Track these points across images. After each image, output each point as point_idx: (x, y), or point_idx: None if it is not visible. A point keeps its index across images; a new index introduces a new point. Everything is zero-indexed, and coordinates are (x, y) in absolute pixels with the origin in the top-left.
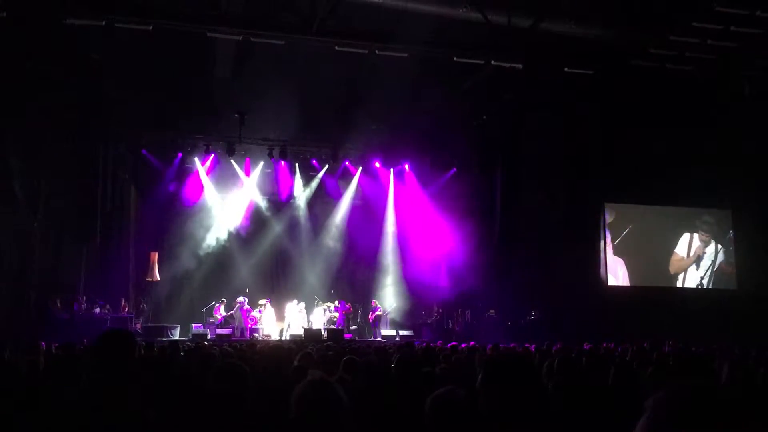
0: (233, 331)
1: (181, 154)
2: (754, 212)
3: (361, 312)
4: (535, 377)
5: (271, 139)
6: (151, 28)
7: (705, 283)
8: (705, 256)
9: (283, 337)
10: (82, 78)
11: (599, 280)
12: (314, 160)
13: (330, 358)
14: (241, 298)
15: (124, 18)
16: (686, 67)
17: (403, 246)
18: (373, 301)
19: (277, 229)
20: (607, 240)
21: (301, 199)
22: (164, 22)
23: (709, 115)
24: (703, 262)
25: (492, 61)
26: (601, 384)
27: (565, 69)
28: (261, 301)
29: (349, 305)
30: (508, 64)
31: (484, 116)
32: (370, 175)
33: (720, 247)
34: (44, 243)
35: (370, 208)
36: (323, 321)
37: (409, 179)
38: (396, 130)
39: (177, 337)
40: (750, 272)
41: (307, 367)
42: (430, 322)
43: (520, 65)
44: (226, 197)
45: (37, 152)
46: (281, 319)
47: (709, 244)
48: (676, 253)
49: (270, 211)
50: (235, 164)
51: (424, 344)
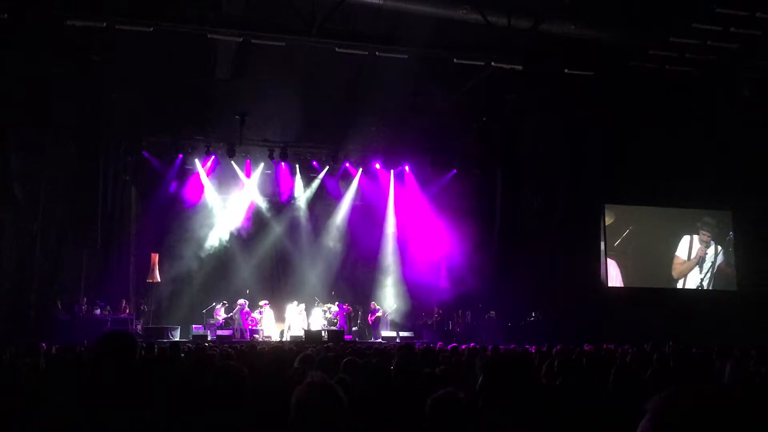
0: (233, 333)
1: (181, 156)
2: (754, 213)
3: (361, 313)
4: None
5: (271, 140)
6: (152, 29)
7: (705, 284)
8: (706, 257)
9: (284, 339)
10: (83, 79)
11: (599, 281)
12: (314, 162)
13: (330, 360)
14: (242, 301)
15: (124, 19)
16: (686, 69)
17: (403, 247)
18: (372, 303)
19: (277, 231)
20: (608, 241)
21: (301, 201)
22: (165, 24)
23: (709, 117)
24: (704, 264)
25: (492, 63)
26: (602, 385)
27: (565, 70)
28: (260, 303)
29: (349, 307)
30: (508, 66)
31: (484, 118)
32: (371, 177)
33: (720, 248)
34: (45, 244)
35: (370, 210)
36: (323, 322)
37: (409, 180)
38: (396, 131)
39: (177, 339)
40: (750, 273)
41: (307, 369)
42: (430, 323)
43: (520, 66)
44: (226, 198)
45: (38, 154)
46: (281, 321)
47: (709, 245)
48: (678, 257)
49: (270, 213)
50: (235, 165)
51: (424, 345)
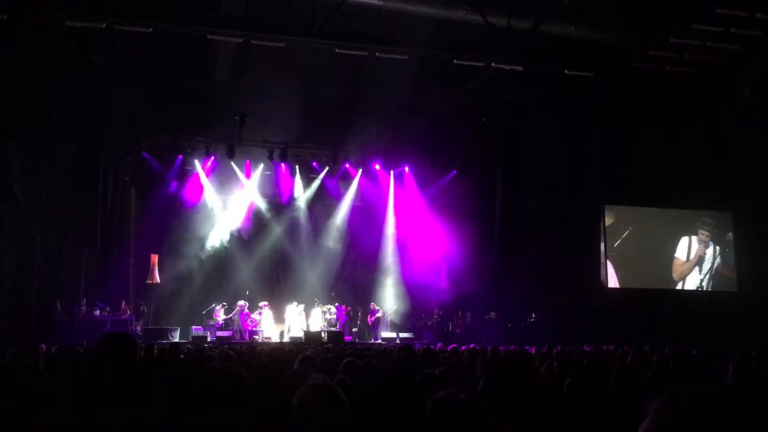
0: (233, 334)
1: (181, 157)
2: (755, 214)
3: (361, 314)
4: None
5: (271, 141)
6: (152, 30)
7: (704, 285)
8: (705, 257)
9: (283, 340)
10: (83, 80)
11: (599, 282)
12: (314, 162)
13: (330, 361)
14: (242, 302)
15: (124, 20)
16: (686, 69)
17: (403, 248)
18: (372, 304)
19: (277, 232)
20: (607, 242)
21: (301, 201)
22: (165, 25)
23: (709, 117)
24: (704, 264)
25: (492, 63)
26: (602, 386)
27: (565, 71)
28: (260, 304)
29: (348, 308)
30: (508, 66)
31: (484, 118)
32: (370, 177)
33: (718, 249)
34: (44, 245)
35: (370, 210)
36: (322, 323)
37: (409, 181)
38: (396, 132)
39: (177, 340)
40: (750, 274)
41: (307, 370)
42: (430, 324)
43: (520, 67)
44: (226, 199)
45: (38, 154)
46: (281, 322)
47: (708, 245)
48: (677, 258)
49: (270, 214)
50: (235, 166)
51: (424, 346)
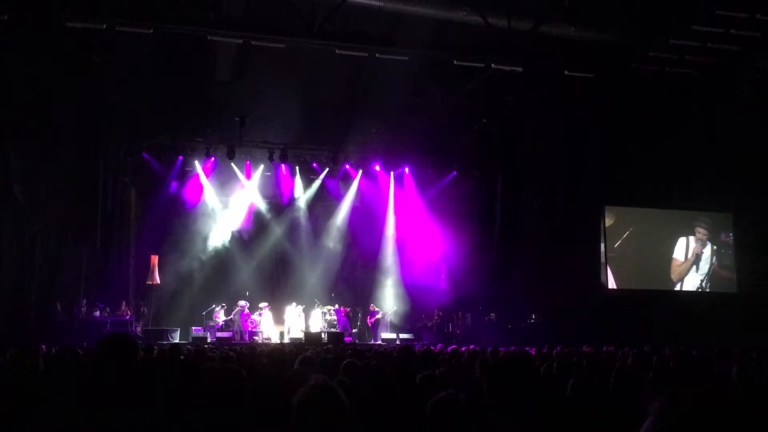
0: (233, 335)
1: (181, 158)
2: (754, 215)
3: (361, 315)
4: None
5: (271, 142)
6: (152, 31)
7: (704, 286)
8: (702, 256)
9: (284, 341)
10: (83, 81)
11: (599, 283)
12: (314, 163)
13: (330, 362)
14: (242, 303)
15: (124, 21)
16: (686, 70)
17: (403, 249)
18: (372, 305)
19: (277, 232)
20: (607, 243)
21: (301, 202)
22: (165, 26)
23: (709, 118)
24: (701, 264)
25: (492, 64)
26: (603, 387)
27: (565, 72)
28: (260, 305)
29: (347, 310)
30: (508, 67)
31: (484, 119)
32: (371, 179)
33: (715, 248)
34: (44, 245)
35: (370, 212)
36: (322, 324)
37: (409, 182)
38: (396, 133)
39: (177, 341)
40: (749, 274)
41: (307, 371)
42: (430, 325)
43: (520, 68)
44: (226, 200)
45: (38, 155)
46: (281, 323)
47: (705, 244)
48: (676, 259)
49: (270, 214)
50: (235, 167)
51: (424, 347)
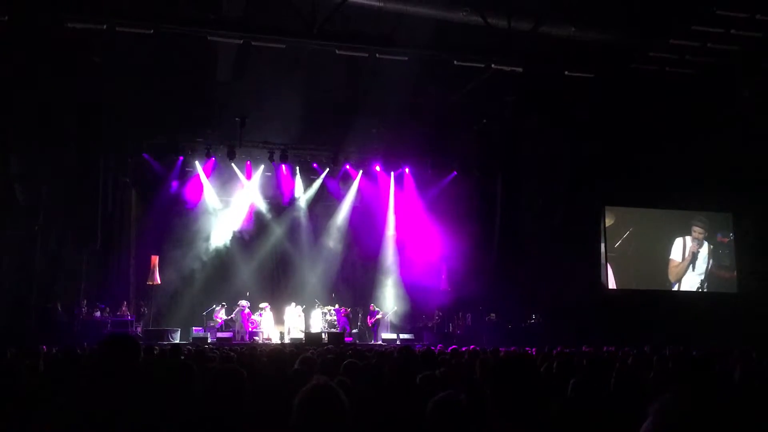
0: (234, 335)
1: (182, 158)
2: (755, 215)
3: (361, 316)
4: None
5: (271, 142)
6: (152, 31)
7: (703, 286)
8: (698, 255)
9: (284, 341)
10: (83, 81)
11: (599, 283)
12: (315, 164)
13: (330, 362)
14: (244, 302)
15: (125, 22)
16: (686, 71)
17: (404, 249)
18: (372, 305)
19: (277, 233)
20: (608, 243)
21: (301, 203)
22: (165, 26)
23: (710, 118)
24: (697, 263)
25: (492, 65)
26: (603, 388)
27: (565, 72)
28: (261, 305)
29: (348, 310)
30: (508, 68)
31: (484, 119)
32: (371, 179)
33: (712, 247)
34: (45, 246)
35: (370, 212)
36: (323, 324)
37: (410, 183)
38: (396, 133)
39: (177, 341)
40: (751, 275)
41: (307, 371)
42: (430, 325)
43: (520, 68)
44: (227, 200)
45: (38, 156)
46: (281, 323)
47: (702, 244)
48: (673, 260)
49: (271, 214)
50: (235, 167)
51: (425, 348)
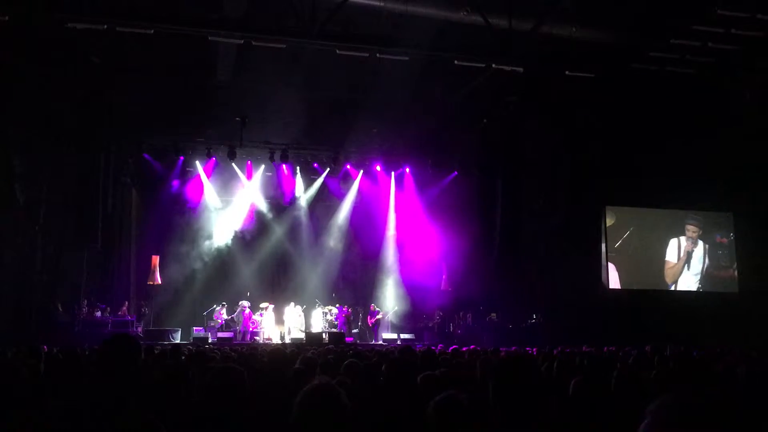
0: (235, 335)
1: (182, 158)
2: (756, 215)
3: (362, 315)
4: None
5: (272, 142)
6: (152, 31)
7: (701, 284)
8: (694, 254)
9: (285, 341)
10: (84, 82)
11: (600, 283)
12: (315, 164)
13: (331, 362)
14: (245, 302)
15: (125, 22)
16: (687, 71)
17: (404, 249)
18: (372, 305)
19: (278, 232)
20: (609, 243)
21: (302, 202)
22: (165, 26)
23: (710, 118)
24: (692, 262)
25: (493, 65)
26: (604, 387)
27: (566, 72)
28: (262, 305)
29: (349, 309)
30: (509, 68)
31: (485, 119)
32: (372, 179)
33: (707, 246)
34: (46, 246)
35: (371, 212)
36: (323, 324)
37: (410, 182)
38: (397, 133)
39: (178, 341)
40: (751, 275)
41: (308, 371)
42: (431, 325)
43: (521, 68)
44: (227, 200)
45: (39, 156)
46: (281, 323)
47: (697, 243)
48: (668, 261)
49: (271, 214)
50: (236, 168)
51: (425, 348)
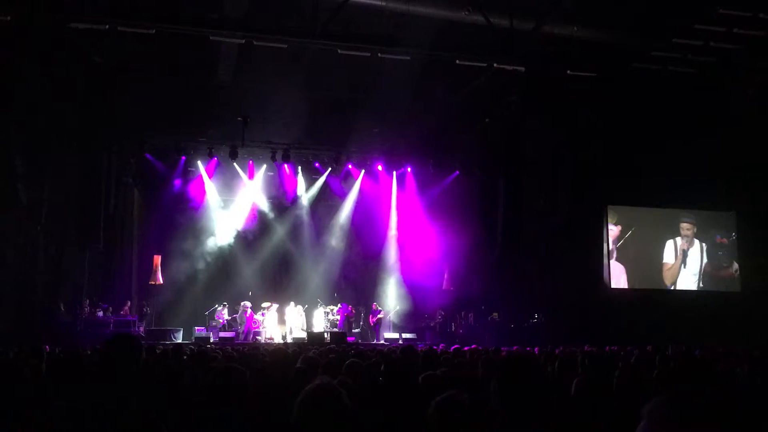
0: (236, 335)
1: (184, 158)
2: (757, 214)
3: (363, 315)
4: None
5: (274, 142)
6: (154, 31)
7: (702, 285)
8: (690, 253)
9: (286, 340)
10: (86, 82)
11: (602, 283)
12: (317, 163)
13: (333, 362)
14: (247, 302)
15: (127, 22)
16: (689, 70)
17: (406, 248)
18: (374, 304)
19: (280, 232)
20: (610, 243)
21: (304, 202)
22: (167, 26)
23: (712, 117)
24: (689, 261)
25: (494, 64)
26: (606, 388)
27: (568, 72)
28: (265, 304)
29: (351, 308)
30: (510, 67)
31: (486, 119)
32: (373, 178)
33: (704, 245)
34: (48, 246)
35: (372, 211)
36: (324, 324)
37: (411, 182)
38: (398, 132)
39: (180, 341)
40: (753, 275)
41: (309, 370)
42: (433, 325)
43: (522, 68)
44: (229, 200)
45: (41, 156)
46: (284, 323)
47: (693, 241)
48: (666, 263)
49: (273, 214)
50: (238, 167)
51: (427, 347)
